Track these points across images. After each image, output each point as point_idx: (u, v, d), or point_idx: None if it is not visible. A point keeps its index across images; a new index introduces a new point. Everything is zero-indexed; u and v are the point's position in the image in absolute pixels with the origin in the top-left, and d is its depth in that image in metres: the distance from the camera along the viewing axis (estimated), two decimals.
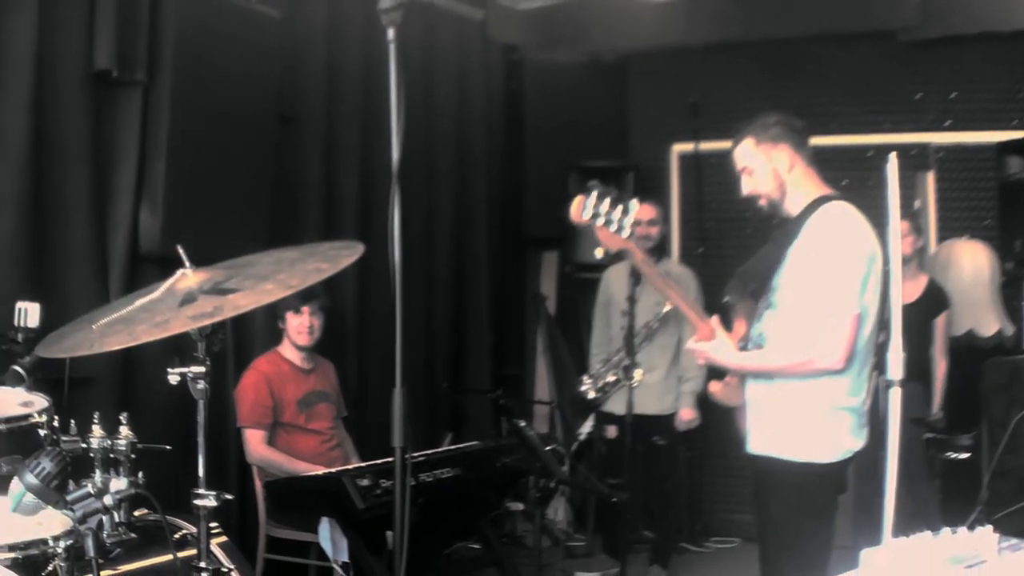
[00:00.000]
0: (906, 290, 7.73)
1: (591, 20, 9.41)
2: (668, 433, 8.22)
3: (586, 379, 8.07)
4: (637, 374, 7.60)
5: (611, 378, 7.91)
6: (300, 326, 6.89)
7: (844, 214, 4.67)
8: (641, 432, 7.79)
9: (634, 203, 4.66)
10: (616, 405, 8.02)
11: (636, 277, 7.32)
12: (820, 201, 4.71)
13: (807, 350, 4.55)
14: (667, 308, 7.76)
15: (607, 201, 4.58)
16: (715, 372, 5.07)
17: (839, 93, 9.05)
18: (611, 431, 8.28)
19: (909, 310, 7.59)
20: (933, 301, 7.89)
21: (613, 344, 8.22)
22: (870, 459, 4.59)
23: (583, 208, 4.57)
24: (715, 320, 4.84)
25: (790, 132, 4.78)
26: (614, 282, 8.32)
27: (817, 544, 4.62)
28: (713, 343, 4.80)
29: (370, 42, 7.84)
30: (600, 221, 4.59)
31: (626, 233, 4.61)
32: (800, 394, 4.63)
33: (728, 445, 6.01)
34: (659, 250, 8.11)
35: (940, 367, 7.94)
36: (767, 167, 4.77)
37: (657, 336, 7.99)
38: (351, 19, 7.89)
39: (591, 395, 8.02)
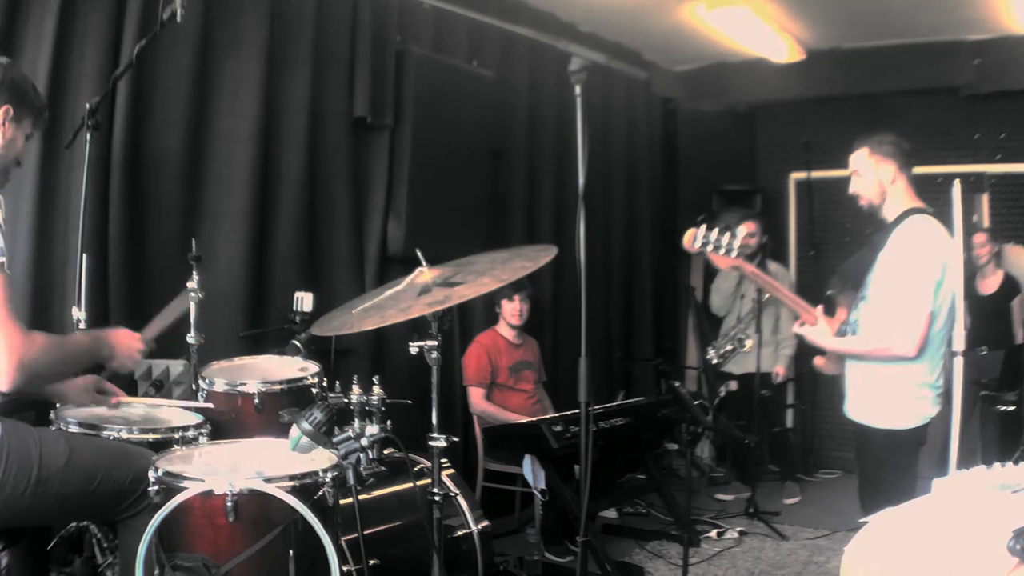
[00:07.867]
0: (988, 283, 7.78)
1: (729, 79, 9.67)
2: (771, 386, 8.18)
3: (710, 349, 8.10)
4: (748, 343, 7.81)
5: (729, 347, 7.98)
6: (513, 310, 6.87)
7: (927, 226, 4.37)
8: (755, 385, 7.89)
9: (741, 228, 4.47)
10: (732, 367, 8.19)
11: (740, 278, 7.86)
12: (910, 212, 4.43)
13: (885, 339, 4.32)
14: (766, 296, 7.70)
15: (715, 231, 4.34)
16: (815, 348, 4.78)
17: (915, 134, 8.71)
18: (733, 385, 8.28)
19: (992, 298, 7.68)
20: (1009, 289, 7.78)
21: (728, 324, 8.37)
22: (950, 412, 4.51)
23: (694, 239, 4.32)
24: (819, 310, 4.58)
25: (898, 152, 4.51)
26: (723, 282, 8.33)
27: (903, 486, 4.39)
28: (814, 328, 4.55)
29: (562, 95, 7.76)
30: (710, 248, 4.33)
31: (735, 254, 4.35)
32: (890, 375, 4.39)
33: (834, 399, 5.85)
34: (758, 254, 8.04)
35: (1019, 336, 7.75)
36: (874, 176, 4.50)
37: (761, 316, 7.88)
38: (547, 78, 7.80)
39: (714, 360, 8.08)
